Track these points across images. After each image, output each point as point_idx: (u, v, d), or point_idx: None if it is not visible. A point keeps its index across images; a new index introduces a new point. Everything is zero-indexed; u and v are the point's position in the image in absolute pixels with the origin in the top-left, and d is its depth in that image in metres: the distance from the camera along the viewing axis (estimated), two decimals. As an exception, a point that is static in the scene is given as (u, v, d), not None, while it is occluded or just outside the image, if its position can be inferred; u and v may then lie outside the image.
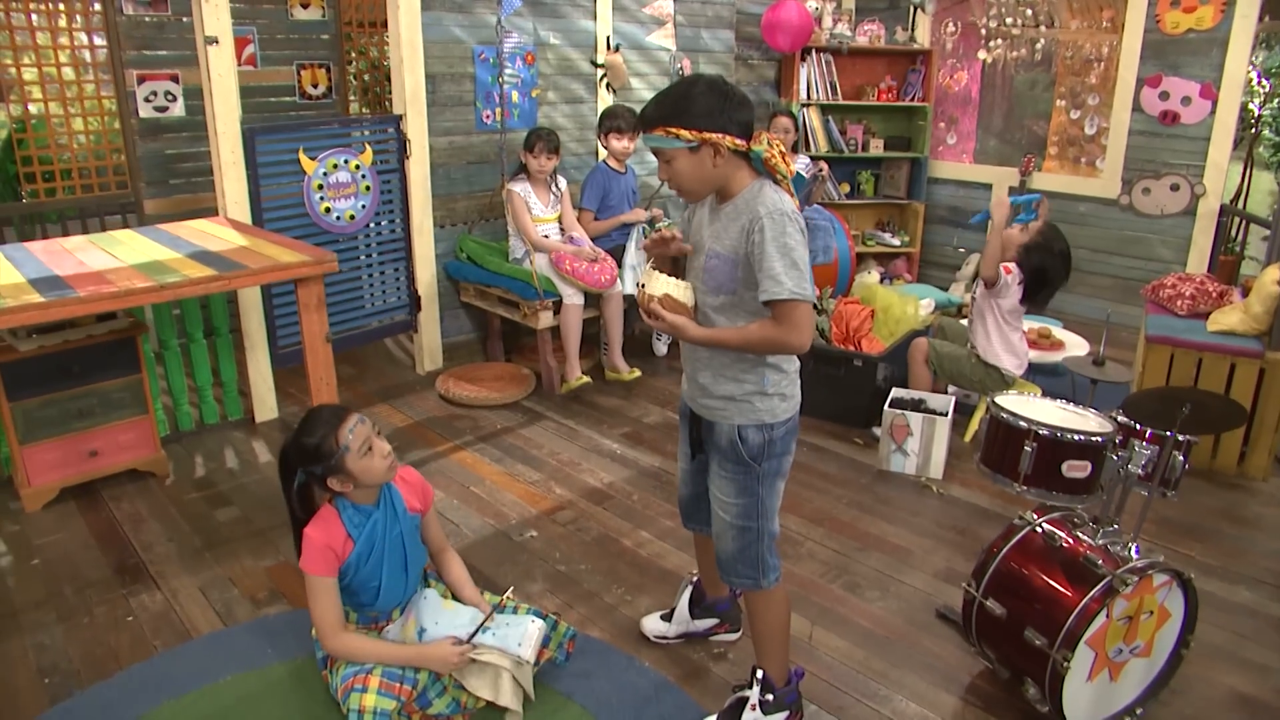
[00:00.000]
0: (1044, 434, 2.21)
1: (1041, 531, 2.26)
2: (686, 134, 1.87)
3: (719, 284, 1.99)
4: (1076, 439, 2.19)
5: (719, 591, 2.54)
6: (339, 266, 4.07)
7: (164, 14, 4.75)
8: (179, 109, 4.71)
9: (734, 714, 2.19)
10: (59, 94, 4.60)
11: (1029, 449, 2.22)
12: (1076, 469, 2.17)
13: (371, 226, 4.35)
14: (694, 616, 2.56)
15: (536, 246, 4.36)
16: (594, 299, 4.42)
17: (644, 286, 2.04)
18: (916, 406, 3.70)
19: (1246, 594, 2.87)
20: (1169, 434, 2.12)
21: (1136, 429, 2.21)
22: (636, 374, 4.53)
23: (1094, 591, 2.05)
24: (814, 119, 6.11)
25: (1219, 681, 2.44)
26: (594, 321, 4.60)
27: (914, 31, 6.18)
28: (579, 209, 4.63)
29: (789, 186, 1.97)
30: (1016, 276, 3.58)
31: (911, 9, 6.16)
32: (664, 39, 5.36)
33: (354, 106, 6.04)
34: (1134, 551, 2.14)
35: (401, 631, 2.24)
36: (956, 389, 4.02)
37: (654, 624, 2.60)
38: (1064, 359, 3.42)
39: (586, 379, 4.37)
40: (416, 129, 4.35)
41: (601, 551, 3.07)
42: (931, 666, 2.50)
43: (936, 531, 3.22)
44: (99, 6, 4.57)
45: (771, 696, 2.16)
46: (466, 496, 3.44)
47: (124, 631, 2.62)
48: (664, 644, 2.58)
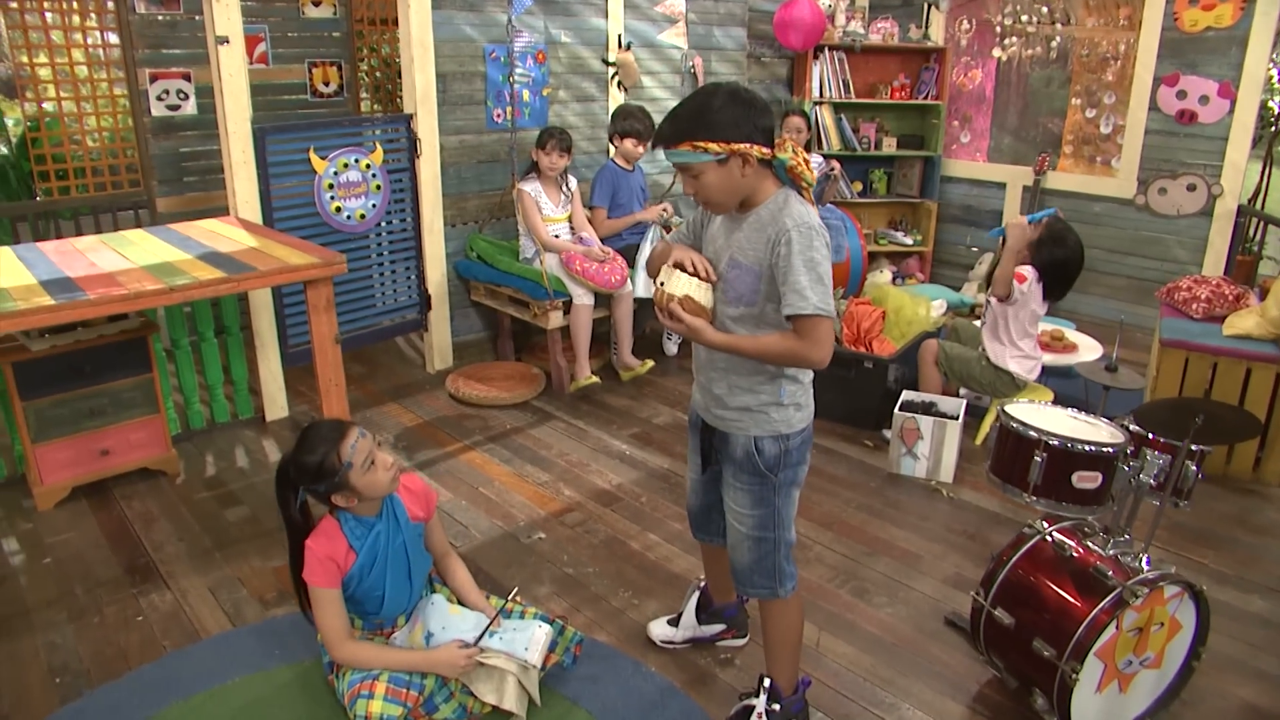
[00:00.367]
0: (1054, 444, 2.19)
1: (1051, 541, 2.24)
2: (715, 147, 1.83)
3: (739, 295, 1.96)
4: (1087, 450, 2.16)
5: (726, 597, 2.53)
6: (350, 266, 4.10)
7: (176, 13, 4.77)
8: (191, 107, 4.73)
9: (740, 722, 2.18)
10: (73, 92, 4.62)
11: (1039, 459, 2.20)
12: (1087, 480, 2.15)
13: (382, 225, 4.36)
14: (701, 622, 2.55)
15: (547, 246, 4.35)
16: (604, 299, 4.41)
17: (663, 285, 1.98)
18: (927, 409, 3.67)
19: (1260, 603, 2.83)
20: (1181, 443, 2.09)
21: (1149, 438, 2.18)
22: (650, 364, 4.53)
23: (1104, 603, 2.03)
24: (827, 117, 6.07)
25: (1231, 693, 2.42)
26: (604, 321, 4.59)
27: (928, 29, 6.13)
28: (590, 207, 4.62)
29: (811, 195, 1.94)
30: (1034, 282, 3.54)
31: (926, 6, 6.11)
32: (676, 37, 5.34)
33: (365, 104, 6.04)
34: (1145, 562, 2.11)
35: (409, 637, 2.25)
36: (968, 391, 4.00)
37: (661, 629, 2.59)
38: (1076, 364, 3.38)
39: (595, 379, 4.37)
40: (427, 128, 4.35)
41: (609, 554, 3.07)
42: (939, 674, 2.48)
43: (946, 536, 3.20)
44: (112, 5, 4.58)
45: (778, 706, 2.15)
46: (475, 498, 3.44)
47: (134, 631, 2.63)
48: (671, 649, 2.57)
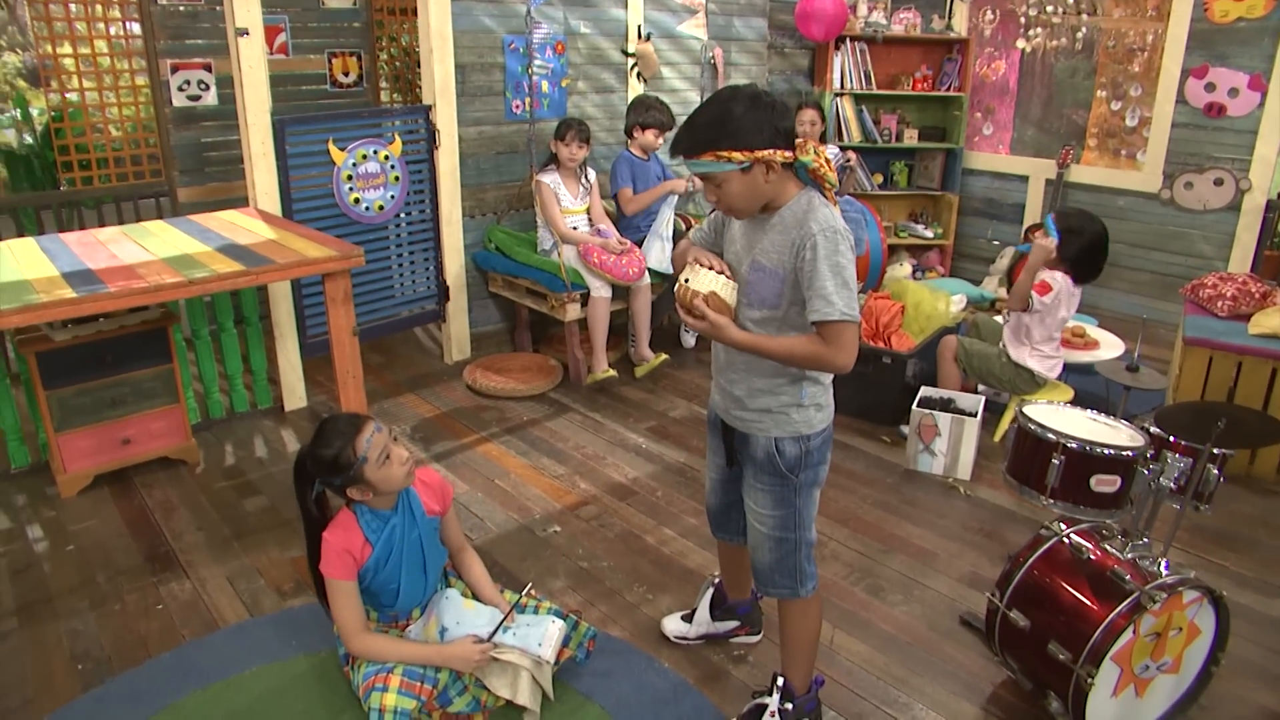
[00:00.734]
0: (1073, 447, 2.16)
1: (1069, 543, 2.22)
2: (738, 155, 1.79)
3: (762, 298, 1.94)
4: (1106, 453, 2.14)
5: (740, 594, 2.53)
6: (368, 257, 4.11)
7: (197, 3, 4.78)
8: (211, 98, 4.75)
9: (752, 720, 2.19)
10: (95, 82, 4.65)
11: (1057, 462, 2.17)
12: (1106, 483, 2.12)
13: (401, 216, 4.37)
14: (715, 618, 2.55)
15: (564, 238, 4.35)
16: (622, 291, 4.41)
17: (688, 281, 1.95)
18: (945, 406, 3.65)
19: (1282, 607, 2.80)
20: (1203, 447, 2.06)
21: (1170, 440, 2.15)
22: (663, 358, 4.53)
23: (1121, 607, 2.01)
24: (848, 109, 6.02)
25: (1250, 699, 2.39)
26: (622, 313, 4.59)
27: (951, 20, 6.06)
28: (614, 193, 4.60)
29: (834, 196, 1.92)
30: (1061, 289, 3.50)
31: (949, -4, 6.04)
32: (696, 28, 5.30)
33: (385, 94, 6.05)
34: (1164, 566, 2.09)
35: (424, 631, 2.26)
36: (986, 388, 3.97)
37: (675, 624, 2.60)
38: (1097, 363, 3.34)
39: (612, 372, 4.37)
40: (446, 119, 4.35)
41: (624, 549, 3.07)
42: (953, 675, 2.47)
43: (962, 534, 3.18)
44: (135, -5, 4.61)
45: (791, 705, 2.15)
46: (491, 490, 3.45)
47: (154, 620, 2.66)
48: (684, 645, 2.57)
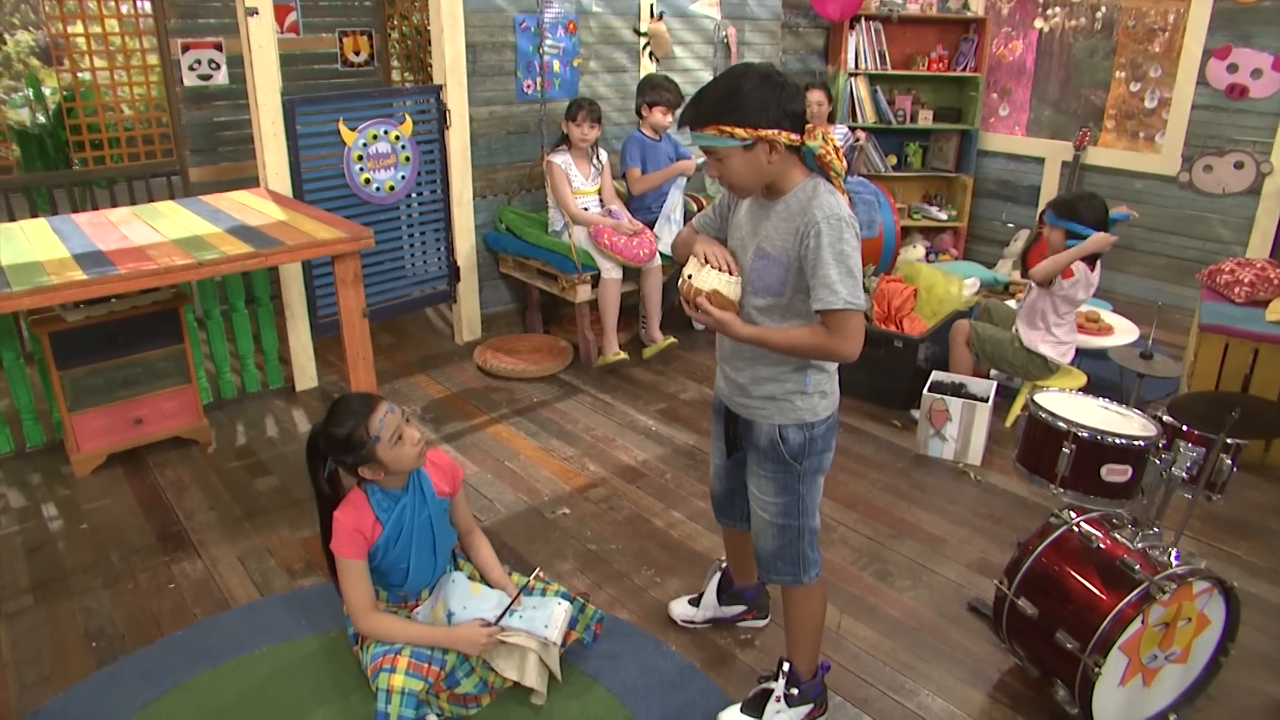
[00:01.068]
0: (1084, 436, 2.14)
1: (1078, 531, 2.21)
2: (741, 132, 1.78)
3: (767, 286, 1.92)
4: (1118, 443, 2.12)
5: (747, 579, 2.53)
6: (379, 237, 4.12)
7: (208, -19, 4.76)
8: (222, 77, 4.73)
9: (758, 705, 2.19)
10: (107, 61, 4.65)
11: (1067, 451, 2.16)
12: (1116, 473, 2.11)
13: (412, 197, 4.36)
14: (722, 603, 2.56)
15: (575, 219, 4.33)
16: (633, 273, 4.39)
17: (690, 278, 1.96)
18: (957, 391, 3.63)
19: (1294, 597, 2.78)
20: (1217, 437, 2.04)
21: (1183, 430, 2.13)
22: (671, 340, 4.52)
23: (1130, 597, 2.00)
24: (862, 89, 5.95)
25: (1260, 690, 2.38)
26: (633, 294, 4.57)
27: (968, -2, 5.98)
28: (623, 173, 4.57)
29: (841, 184, 1.89)
30: (1083, 276, 3.47)
31: (967, -26, 5.95)
32: (708, 6, 5.24)
33: (397, 73, 6.02)
34: (1174, 556, 2.08)
35: (431, 614, 2.28)
36: (999, 373, 3.94)
37: (682, 608, 2.61)
38: (1111, 350, 3.31)
39: (623, 355, 4.36)
40: (456, 99, 4.33)
41: (633, 531, 3.08)
42: (960, 661, 2.47)
43: (972, 520, 3.17)
44: (145, -27, 4.59)
45: (797, 690, 2.16)
46: (501, 471, 3.46)
47: (166, 598, 2.69)
48: (691, 628, 2.58)
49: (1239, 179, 4.98)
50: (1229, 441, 2.08)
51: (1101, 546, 2.15)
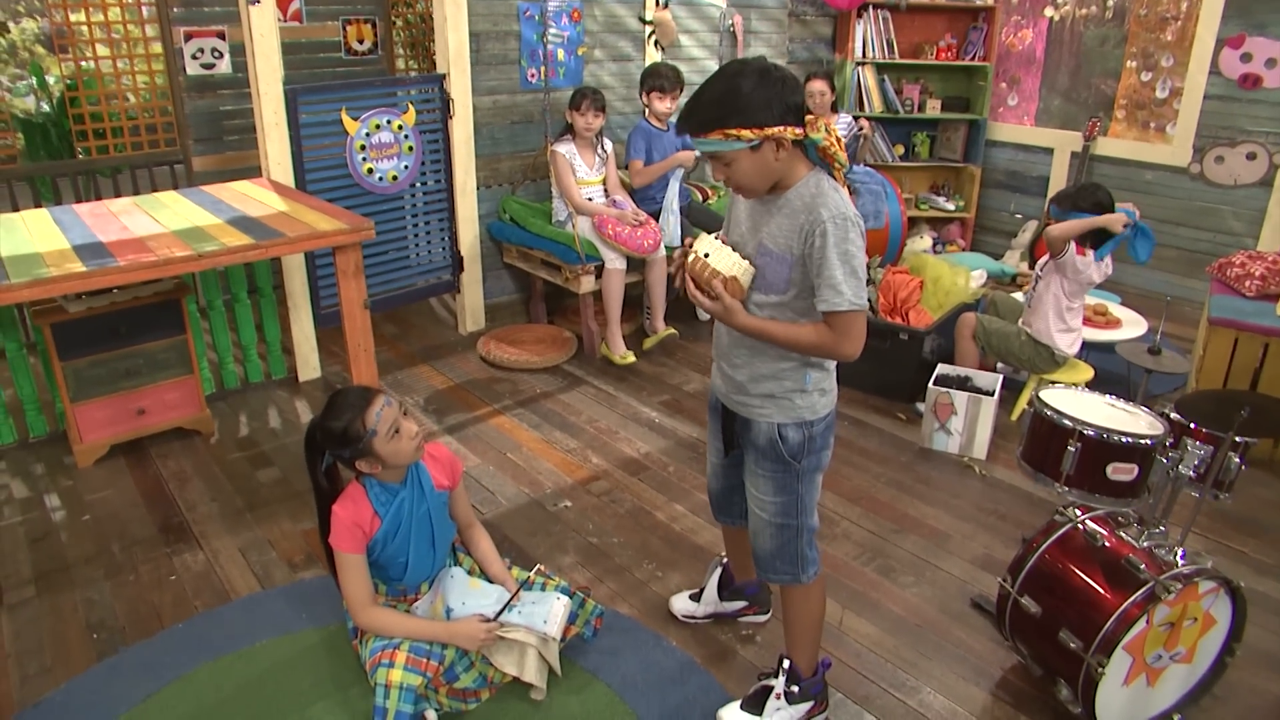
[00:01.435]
0: (1089, 434, 2.12)
1: (1083, 529, 2.18)
2: (747, 134, 1.73)
3: (770, 283, 1.89)
4: (1124, 441, 2.09)
5: (747, 575, 2.51)
6: (382, 227, 4.10)
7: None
8: (225, 66, 4.71)
9: (758, 701, 2.18)
10: (110, 50, 4.63)
11: (1073, 449, 2.13)
12: (1122, 471, 2.08)
13: (416, 186, 4.34)
14: (723, 598, 2.54)
15: (579, 209, 4.30)
16: (637, 264, 4.37)
17: (707, 256, 1.88)
18: (962, 384, 3.60)
19: (1301, 595, 2.76)
20: (1225, 435, 2.02)
21: (1190, 428, 2.10)
22: (671, 331, 4.49)
23: (1135, 597, 1.98)
24: (869, 78, 5.90)
25: (1266, 690, 2.35)
26: (637, 285, 4.55)
27: (978, -15, 5.90)
28: (627, 160, 4.54)
29: (844, 177, 1.86)
30: (1091, 261, 3.44)
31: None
32: (715, -6, 5.19)
33: (401, 61, 5.98)
34: (1180, 556, 2.05)
35: (430, 609, 2.27)
36: (1005, 366, 3.91)
37: (683, 603, 2.59)
38: (1119, 344, 3.28)
39: (632, 358, 4.33)
40: (460, 88, 4.30)
41: (635, 525, 3.06)
42: (962, 658, 2.45)
43: (977, 515, 3.15)
44: (147, -40, 4.56)
45: (797, 688, 2.14)
46: (503, 463, 3.45)
47: (167, 590, 2.69)
48: (692, 624, 2.57)
49: (1251, 170, 4.92)
50: (1237, 440, 2.05)
51: (1106, 545, 2.12)
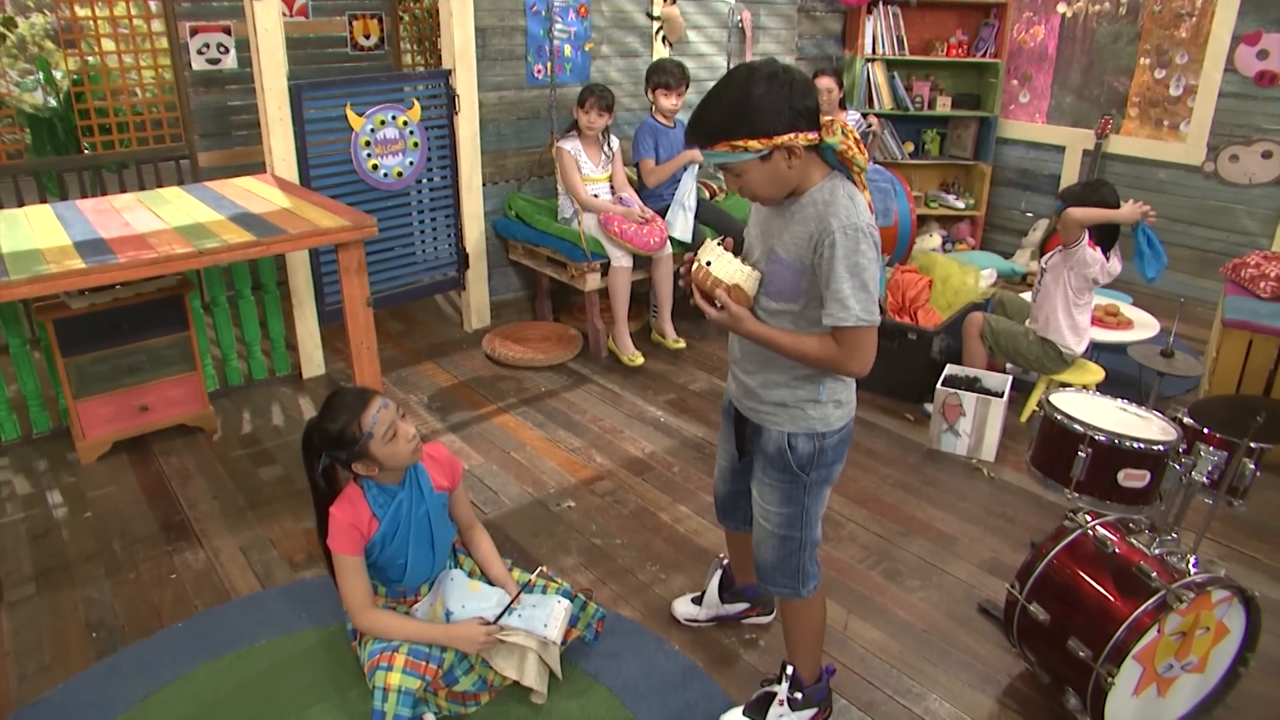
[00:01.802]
0: (1100, 440, 2.08)
1: (1093, 535, 2.14)
2: (755, 144, 1.66)
3: (779, 291, 1.83)
4: (1136, 447, 2.05)
5: (748, 577, 2.47)
6: (387, 224, 4.07)
7: (216, -36, 4.71)
8: (231, 61, 4.69)
9: (761, 708, 2.14)
10: (115, 45, 4.61)
11: (1083, 455, 2.09)
12: (1134, 478, 2.04)
13: (421, 183, 4.31)
14: (724, 600, 2.51)
15: (585, 206, 4.27)
16: (643, 261, 4.33)
17: (709, 265, 1.83)
18: (971, 385, 3.56)
19: (1315, 602, 2.71)
20: (1240, 441, 1.97)
21: (1204, 433, 2.06)
22: (681, 344, 4.46)
23: (1146, 605, 1.94)
24: (879, 75, 5.85)
25: None
26: (644, 283, 4.51)
27: (990, -19, 5.84)
28: (636, 162, 4.50)
29: (863, 180, 1.79)
30: (1102, 262, 3.40)
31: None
32: (723, -11, 5.15)
33: (408, 57, 5.96)
34: (1192, 564, 2.01)
35: (429, 612, 2.24)
36: (1014, 366, 3.86)
37: (685, 607, 2.56)
38: (1130, 347, 3.22)
39: (641, 359, 4.30)
40: (465, 84, 4.27)
41: (638, 526, 3.04)
42: (969, 665, 2.42)
43: (984, 518, 3.11)
44: (154, -45, 4.54)
45: (800, 695, 2.11)
46: (506, 463, 3.43)
47: (167, 589, 2.68)
48: (695, 627, 2.54)
49: (1266, 169, 4.86)
50: (1253, 446, 2.01)
51: (1117, 552, 2.09)
